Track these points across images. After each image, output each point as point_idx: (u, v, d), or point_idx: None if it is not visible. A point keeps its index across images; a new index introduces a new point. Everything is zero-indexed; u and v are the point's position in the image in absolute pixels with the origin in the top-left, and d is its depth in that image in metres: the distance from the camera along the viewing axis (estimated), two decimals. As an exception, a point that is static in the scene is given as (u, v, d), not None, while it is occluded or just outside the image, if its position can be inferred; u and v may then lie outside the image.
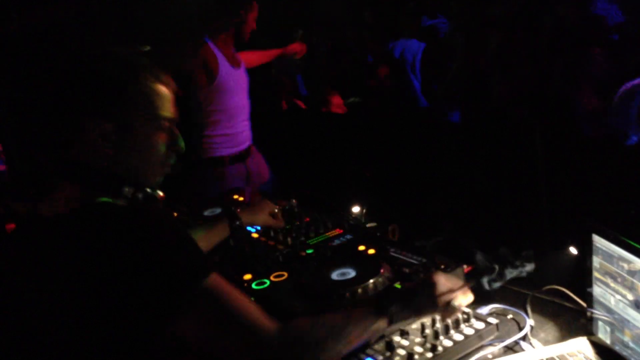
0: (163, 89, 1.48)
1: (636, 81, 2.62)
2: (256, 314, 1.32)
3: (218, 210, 2.57)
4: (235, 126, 3.66)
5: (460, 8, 5.96)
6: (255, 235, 2.27)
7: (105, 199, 1.39)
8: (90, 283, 1.24)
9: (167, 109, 1.49)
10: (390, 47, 5.92)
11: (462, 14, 5.53)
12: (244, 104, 3.72)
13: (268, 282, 1.85)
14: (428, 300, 1.53)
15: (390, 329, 1.50)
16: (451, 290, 1.56)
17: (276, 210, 2.27)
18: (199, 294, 1.26)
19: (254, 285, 1.84)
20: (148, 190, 1.47)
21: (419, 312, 1.53)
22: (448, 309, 1.55)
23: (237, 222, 2.15)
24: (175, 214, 2.58)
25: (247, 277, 1.90)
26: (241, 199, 2.76)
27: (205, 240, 2.05)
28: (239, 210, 2.20)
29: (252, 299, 1.78)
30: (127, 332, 1.26)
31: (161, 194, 1.52)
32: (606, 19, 3.39)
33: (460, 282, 1.60)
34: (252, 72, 3.89)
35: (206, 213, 2.57)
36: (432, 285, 1.55)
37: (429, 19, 8.02)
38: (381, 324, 1.46)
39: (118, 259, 1.23)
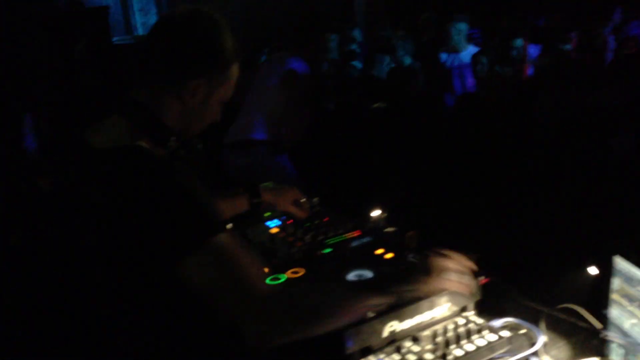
0: (238, 72, 1.64)
1: None
2: (254, 277, 1.42)
3: None
4: None
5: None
6: (275, 230, 2.28)
7: (144, 143, 1.50)
8: (117, 221, 1.42)
9: (233, 89, 1.66)
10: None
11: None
12: None
13: (284, 278, 1.86)
14: (424, 280, 1.60)
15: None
16: (448, 270, 1.62)
17: (302, 200, 2.28)
18: (206, 248, 1.38)
19: (269, 280, 1.85)
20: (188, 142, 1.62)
21: (416, 290, 1.58)
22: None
23: (257, 199, 2.17)
24: None
25: (264, 271, 1.92)
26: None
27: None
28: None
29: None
30: (142, 270, 1.43)
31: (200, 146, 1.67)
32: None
33: (462, 266, 1.66)
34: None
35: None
36: (430, 263, 1.62)
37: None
38: (384, 299, 1.53)
39: (143, 203, 1.39)
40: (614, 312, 1.56)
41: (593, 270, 1.78)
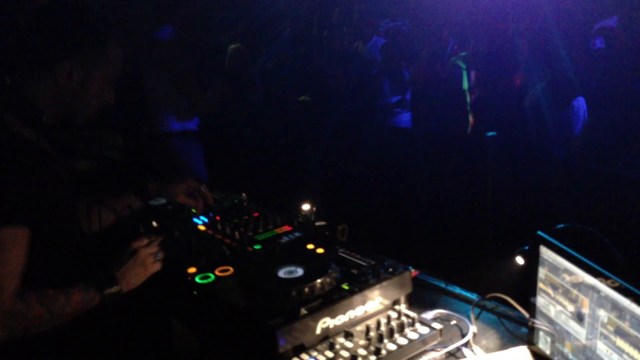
0: (120, 51, 1.78)
1: None
2: (5, 287, 1.49)
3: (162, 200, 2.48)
4: None
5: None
6: (202, 227, 2.21)
7: (9, 121, 1.62)
8: None
9: (119, 70, 1.79)
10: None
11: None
12: None
13: (213, 277, 1.81)
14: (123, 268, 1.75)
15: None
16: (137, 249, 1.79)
17: (202, 188, 2.22)
18: None
19: (197, 279, 1.79)
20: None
21: (126, 283, 1.75)
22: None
23: (144, 191, 2.16)
24: None
25: (192, 270, 1.85)
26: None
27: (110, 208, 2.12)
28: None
29: (195, 292, 1.74)
30: None
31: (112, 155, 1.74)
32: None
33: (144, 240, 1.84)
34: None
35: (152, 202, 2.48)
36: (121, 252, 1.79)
37: (391, 21, 8.25)
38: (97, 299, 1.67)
39: None
40: (540, 301, 1.59)
41: (520, 260, 1.82)
